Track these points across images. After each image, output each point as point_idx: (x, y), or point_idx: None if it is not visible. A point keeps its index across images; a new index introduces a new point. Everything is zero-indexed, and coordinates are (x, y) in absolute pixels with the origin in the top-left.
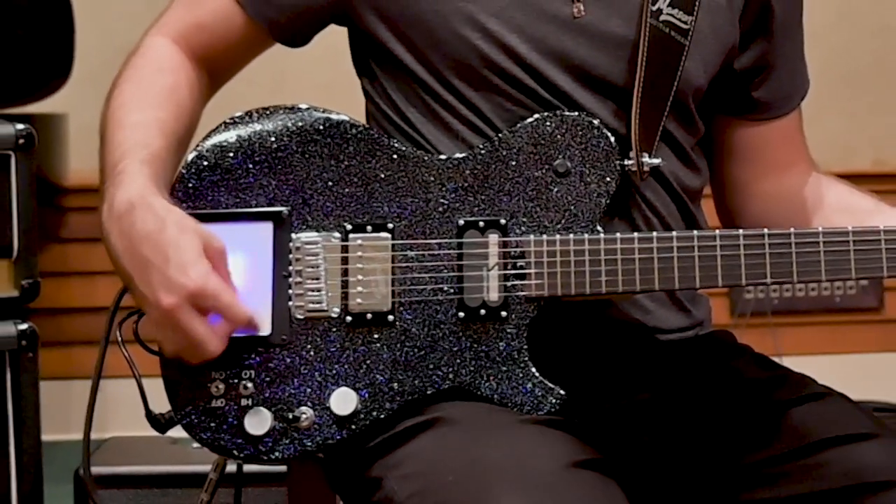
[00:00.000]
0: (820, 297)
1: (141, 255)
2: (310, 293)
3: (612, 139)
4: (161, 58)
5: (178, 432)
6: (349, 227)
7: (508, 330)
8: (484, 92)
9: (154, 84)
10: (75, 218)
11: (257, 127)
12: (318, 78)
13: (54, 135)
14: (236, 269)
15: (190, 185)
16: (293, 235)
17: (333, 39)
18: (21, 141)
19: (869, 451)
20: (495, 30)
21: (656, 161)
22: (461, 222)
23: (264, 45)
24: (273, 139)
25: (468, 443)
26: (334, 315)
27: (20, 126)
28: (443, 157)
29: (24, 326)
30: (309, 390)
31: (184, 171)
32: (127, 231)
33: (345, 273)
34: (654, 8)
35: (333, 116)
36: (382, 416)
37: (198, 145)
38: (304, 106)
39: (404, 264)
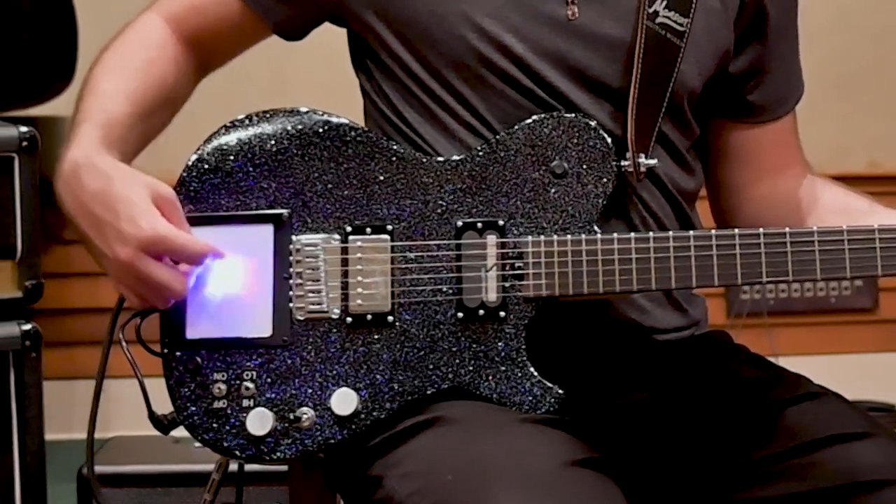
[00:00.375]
0: (815, 297)
1: (92, 212)
2: (310, 294)
3: (609, 140)
4: (149, 33)
5: (180, 432)
6: (349, 228)
7: (507, 330)
8: (481, 91)
9: (134, 57)
10: None
11: (258, 130)
12: (317, 78)
13: (57, 137)
14: (238, 271)
15: (191, 187)
16: (293, 237)
17: (333, 40)
18: (24, 143)
19: (864, 451)
20: (492, 30)
21: (652, 162)
22: (459, 224)
23: (258, 34)
24: (273, 142)
25: (467, 442)
26: (335, 316)
27: (24, 128)
28: (441, 158)
29: (27, 327)
30: (310, 391)
31: (185, 174)
32: (76, 192)
33: (345, 274)
34: (651, 10)
35: (333, 119)
36: (383, 416)
37: (199, 148)
38: (304, 109)
39: (403, 265)
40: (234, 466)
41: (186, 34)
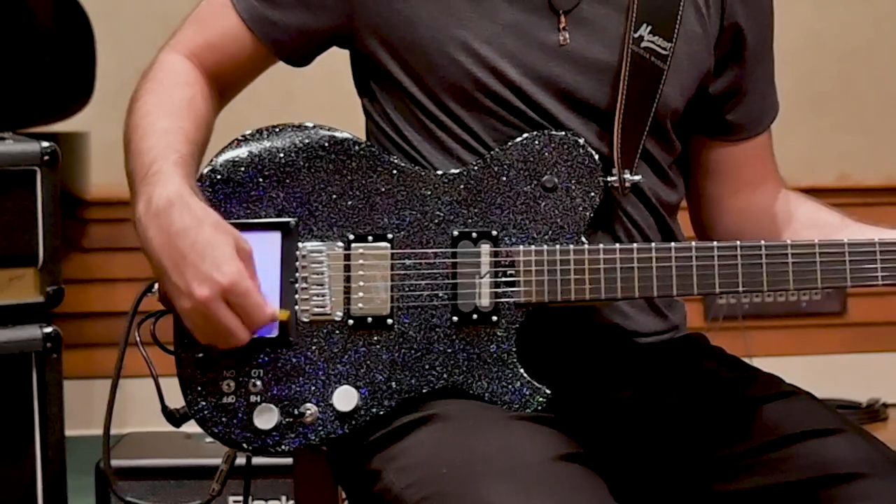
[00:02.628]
0: (788, 302)
1: (178, 249)
2: (314, 298)
3: (596, 157)
4: (178, 72)
5: (191, 427)
6: (351, 236)
7: (499, 333)
8: (476, 113)
9: (174, 95)
10: (96, 229)
11: (267, 143)
12: (321, 98)
13: (77, 151)
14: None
15: (204, 196)
16: (299, 244)
17: (336, 62)
18: (46, 157)
19: (833, 445)
20: (487, 55)
21: (636, 178)
22: (455, 233)
23: (269, 63)
24: (281, 155)
25: (461, 438)
26: (337, 318)
27: (45, 143)
28: (438, 172)
29: (48, 330)
30: (313, 388)
31: (198, 185)
32: (165, 227)
33: (347, 280)
34: (636, 35)
35: (338, 134)
36: (381, 413)
37: (211, 160)
38: (310, 124)
39: (402, 272)
40: (242, 460)
41: (207, 70)
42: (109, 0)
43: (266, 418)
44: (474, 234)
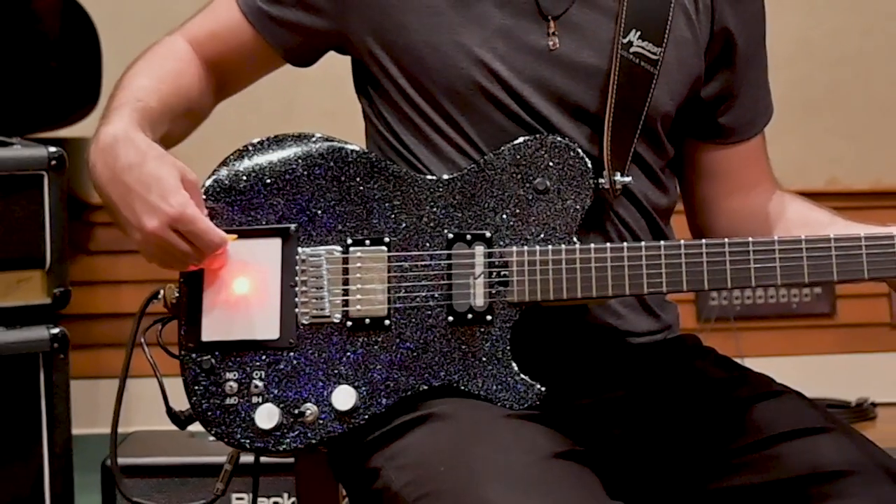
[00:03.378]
0: (778, 303)
1: (124, 184)
2: (314, 301)
3: (587, 160)
4: (174, 49)
5: (195, 427)
6: (349, 241)
7: (493, 333)
8: (470, 115)
9: (164, 65)
10: (102, 232)
11: (267, 154)
12: (322, 105)
13: (83, 156)
14: (248, 280)
15: (208, 204)
16: (299, 249)
17: (337, 68)
18: (53, 162)
19: (822, 444)
20: (482, 57)
21: (626, 180)
22: (450, 236)
23: (271, 62)
24: (281, 164)
25: (457, 436)
26: (336, 320)
27: (52, 149)
28: (433, 177)
29: (55, 331)
30: (313, 388)
31: (202, 194)
32: (111, 163)
33: (345, 282)
34: (626, 40)
35: (336, 143)
36: (380, 412)
37: (214, 171)
38: (309, 133)
39: (399, 274)
40: (249, 458)
41: (206, 57)
42: (115, 8)
43: (267, 418)
44: (468, 237)
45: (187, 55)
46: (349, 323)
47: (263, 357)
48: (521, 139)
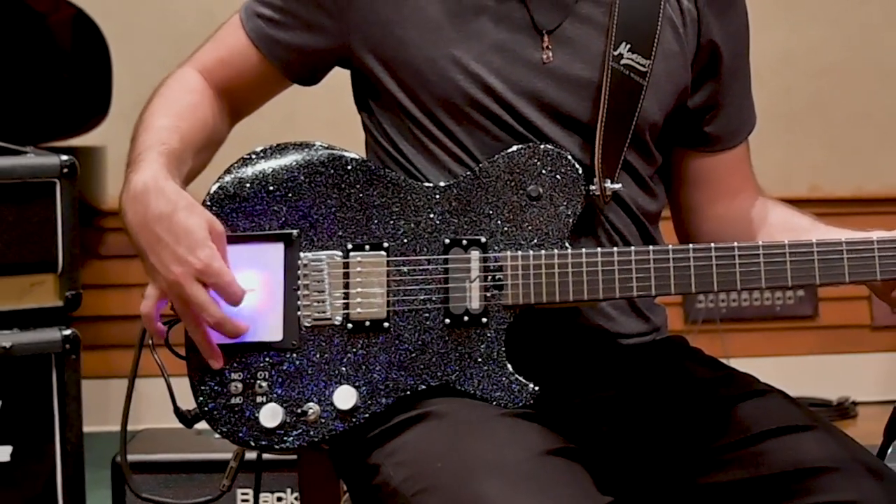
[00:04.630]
0: (763, 306)
1: (154, 233)
2: (316, 304)
3: (579, 168)
4: (188, 82)
5: (202, 425)
6: (350, 246)
7: (488, 334)
8: (466, 126)
9: (180, 100)
10: (112, 237)
11: (270, 161)
12: (323, 115)
13: (94, 164)
14: (252, 284)
15: (213, 211)
16: (301, 254)
17: (337, 81)
18: (65, 170)
19: (805, 441)
20: (476, 72)
21: (617, 187)
22: (447, 241)
23: (279, 84)
24: (284, 171)
25: (454, 434)
26: (337, 322)
27: (64, 157)
28: (430, 184)
29: (67, 332)
30: (315, 388)
31: (207, 200)
32: (142, 211)
33: (346, 286)
34: (616, 53)
35: (336, 151)
36: (379, 411)
37: (219, 178)
38: (311, 142)
39: (398, 278)
40: (254, 455)
41: (217, 85)
42: (125, 22)
43: (271, 417)
44: (464, 242)
45: (199, 86)
46: (350, 325)
47: (267, 358)
48: (514, 147)
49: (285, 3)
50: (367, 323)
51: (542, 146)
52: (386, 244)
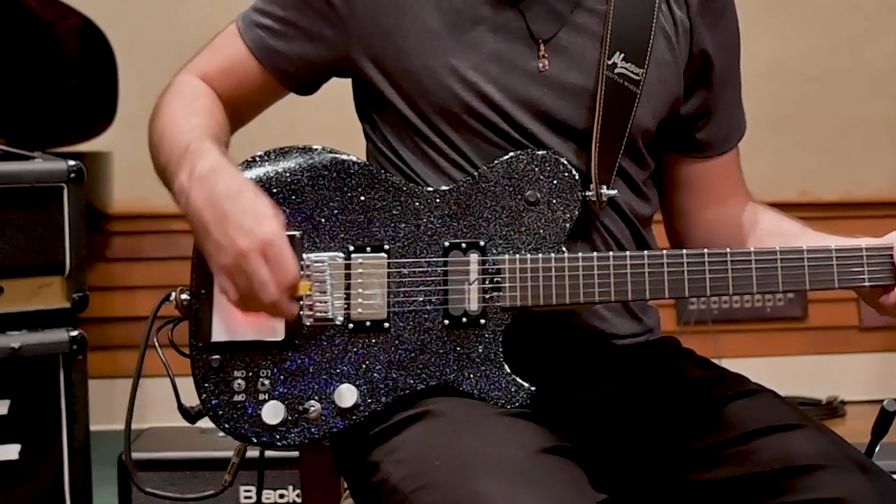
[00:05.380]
0: (753, 307)
1: (222, 208)
2: (318, 304)
3: (575, 174)
4: (196, 87)
5: (206, 423)
6: (351, 248)
7: (486, 335)
8: (465, 133)
9: (196, 104)
10: (119, 240)
11: (274, 164)
12: (324, 122)
13: (101, 170)
14: None
15: None
16: (304, 255)
17: (338, 89)
18: (72, 175)
19: (795, 440)
20: (474, 81)
21: (612, 192)
22: (446, 244)
23: (278, 93)
24: (288, 174)
25: (452, 432)
26: (338, 322)
27: (71, 162)
28: (431, 188)
29: (74, 333)
30: (316, 386)
31: None
32: (209, 189)
33: (347, 287)
34: (610, 62)
35: (338, 155)
36: (379, 409)
37: None
38: (314, 146)
39: (398, 279)
40: (255, 453)
41: (218, 92)
42: (131, 31)
43: (273, 414)
44: (464, 245)
45: (209, 91)
46: (351, 325)
47: (270, 357)
48: (513, 153)
49: (286, 13)
50: (368, 323)
51: (539, 152)
52: (387, 246)
